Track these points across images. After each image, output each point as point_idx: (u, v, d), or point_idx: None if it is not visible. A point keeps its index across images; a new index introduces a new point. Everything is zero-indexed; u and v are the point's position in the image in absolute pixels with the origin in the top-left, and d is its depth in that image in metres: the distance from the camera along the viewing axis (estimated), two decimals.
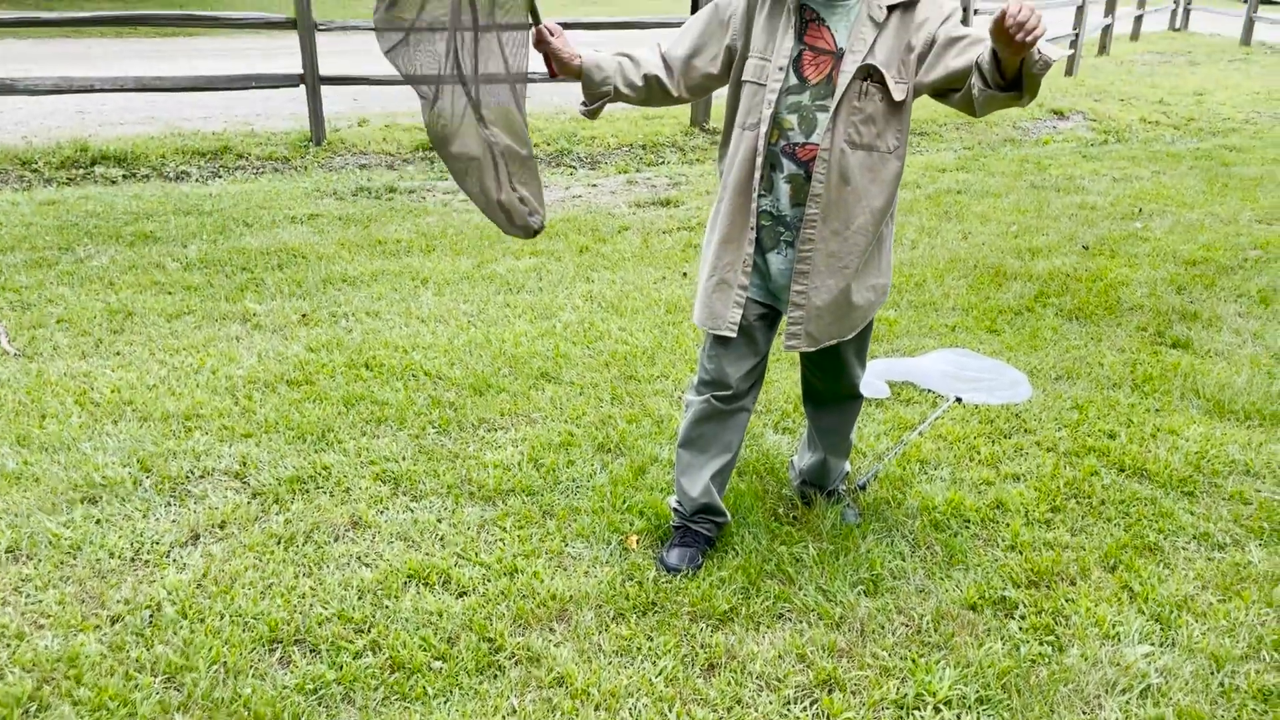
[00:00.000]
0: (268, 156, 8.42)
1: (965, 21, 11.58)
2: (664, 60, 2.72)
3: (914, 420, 3.85)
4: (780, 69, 2.56)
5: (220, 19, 8.82)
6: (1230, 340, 4.72)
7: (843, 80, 2.51)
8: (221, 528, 3.05)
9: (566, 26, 10.49)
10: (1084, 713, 2.38)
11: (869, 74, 2.51)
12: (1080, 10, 14.41)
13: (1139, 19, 19.92)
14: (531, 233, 2.78)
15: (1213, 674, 2.51)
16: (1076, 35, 14.36)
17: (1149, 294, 5.33)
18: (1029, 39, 2.12)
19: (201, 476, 3.35)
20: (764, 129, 2.58)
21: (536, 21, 2.64)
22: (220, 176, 7.89)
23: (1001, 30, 2.14)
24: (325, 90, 8.80)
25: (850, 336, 2.81)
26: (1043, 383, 4.22)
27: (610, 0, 24.63)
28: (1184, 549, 3.05)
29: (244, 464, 3.41)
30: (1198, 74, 15.34)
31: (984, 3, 12.39)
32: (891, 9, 2.50)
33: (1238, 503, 3.31)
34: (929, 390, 4.12)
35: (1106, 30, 17.06)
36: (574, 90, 2.80)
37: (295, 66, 8.87)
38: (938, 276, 5.57)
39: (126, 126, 9.14)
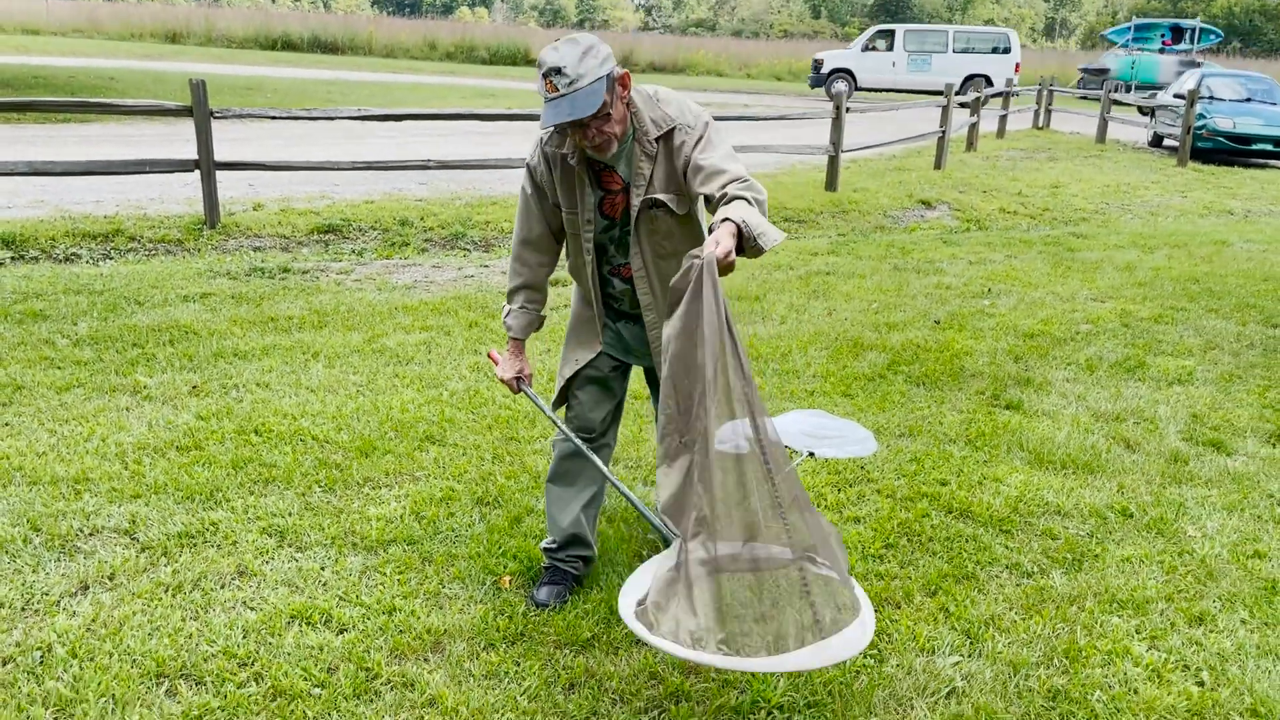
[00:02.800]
0: (160, 239, 8.53)
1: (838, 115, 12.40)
2: (529, 249, 3.10)
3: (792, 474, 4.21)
4: (589, 221, 2.96)
5: (115, 105, 8.99)
6: (1057, 402, 5.24)
7: (633, 212, 2.89)
8: (111, 579, 3.20)
9: (463, 118, 10.86)
10: (897, 712, 2.71)
11: (654, 203, 2.87)
12: (945, 110, 15.52)
13: (1003, 118, 21.41)
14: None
15: (1010, 678, 2.87)
16: (943, 133, 15.44)
17: (989, 362, 5.86)
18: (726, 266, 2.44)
19: (91, 534, 3.49)
20: (590, 265, 3.02)
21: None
22: (111, 258, 7.97)
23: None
24: (220, 175, 9.01)
25: None
26: (888, 439, 4.64)
27: (509, 95, 25.38)
28: (997, 577, 3.45)
29: (133, 522, 3.56)
30: (1056, 169, 16.55)
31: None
32: (658, 139, 2.83)
33: (1047, 538, 3.74)
34: (786, 446, 4.49)
35: (973, 128, 18.33)
36: (470, 176, 3.14)
37: (188, 152, 9.06)
38: (802, 348, 6.02)
39: (14, 210, 9.15)
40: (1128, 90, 30.34)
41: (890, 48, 30.32)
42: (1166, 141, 20.15)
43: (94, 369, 5.14)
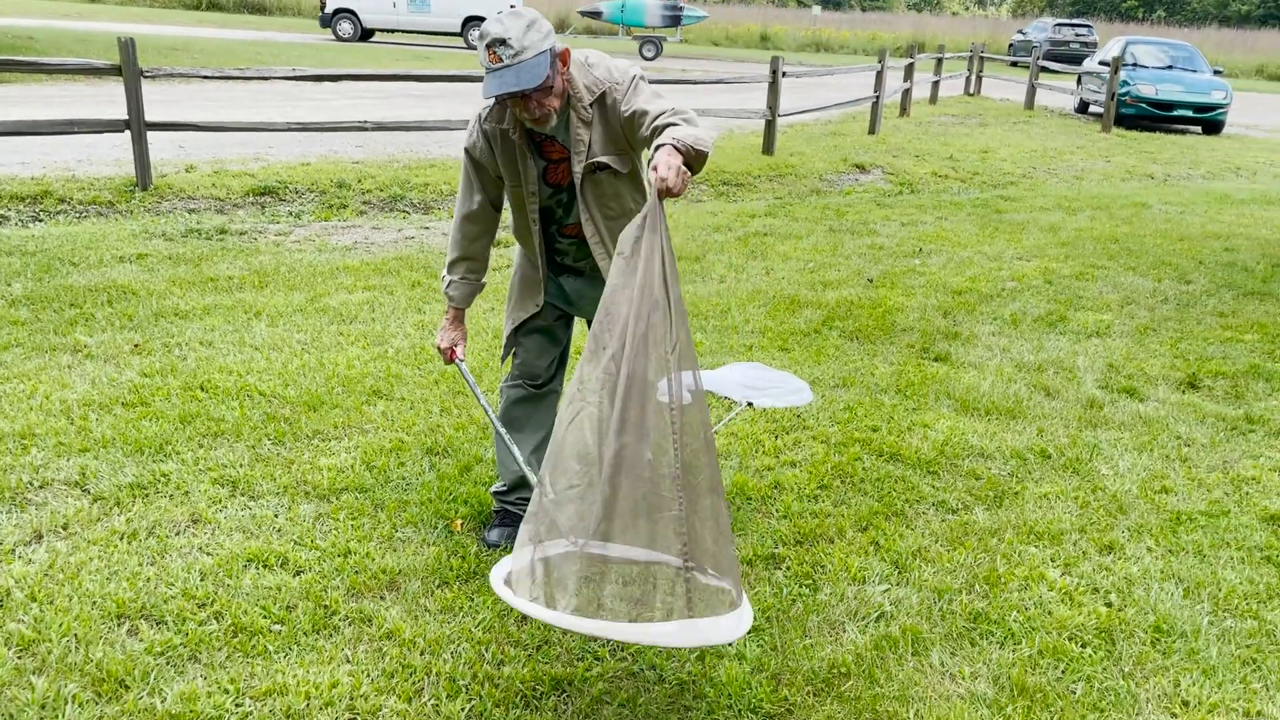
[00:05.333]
0: (91, 201, 8.38)
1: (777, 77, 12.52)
2: (470, 222, 3.13)
3: (711, 422, 4.36)
4: (533, 192, 3.01)
5: (42, 64, 8.78)
6: (983, 354, 5.47)
7: (576, 178, 2.95)
8: (65, 528, 3.25)
9: (399, 79, 10.74)
10: (830, 634, 2.89)
11: (597, 166, 2.94)
12: (879, 75, 15.74)
13: (936, 84, 21.74)
14: None
15: (935, 602, 3.07)
16: (877, 98, 15.67)
17: (920, 318, 6.08)
18: (669, 191, 2.37)
19: (41, 487, 3.52)
20: (535, 227, 3.07)
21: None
22: (41, 220, 7.83)
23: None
24: (150, 136, 8.85)
25: None
26: (823, 390, 4.82)
27: (444, 57, 25.07)
28: (924, 513, 3.65)
29: (83, 474, 3.60)
30: (986, 134, 16.90)
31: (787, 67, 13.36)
32: (592, 104, 2.89)
33: (971, 478, 3.95)
34: (725, 397, 4.66)
35: (907, 94, 18.61)
36: (408, 139, 3.19)
37: (114, 112, 8.88)
38: (740, 305, 6.18)
39: None
40: (627, 33, 32.19)
41: None
42: (1092, 108, 20.67)
43: (32, 329, 5.10)
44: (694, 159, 2.49)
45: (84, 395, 4.29)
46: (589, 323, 3.35)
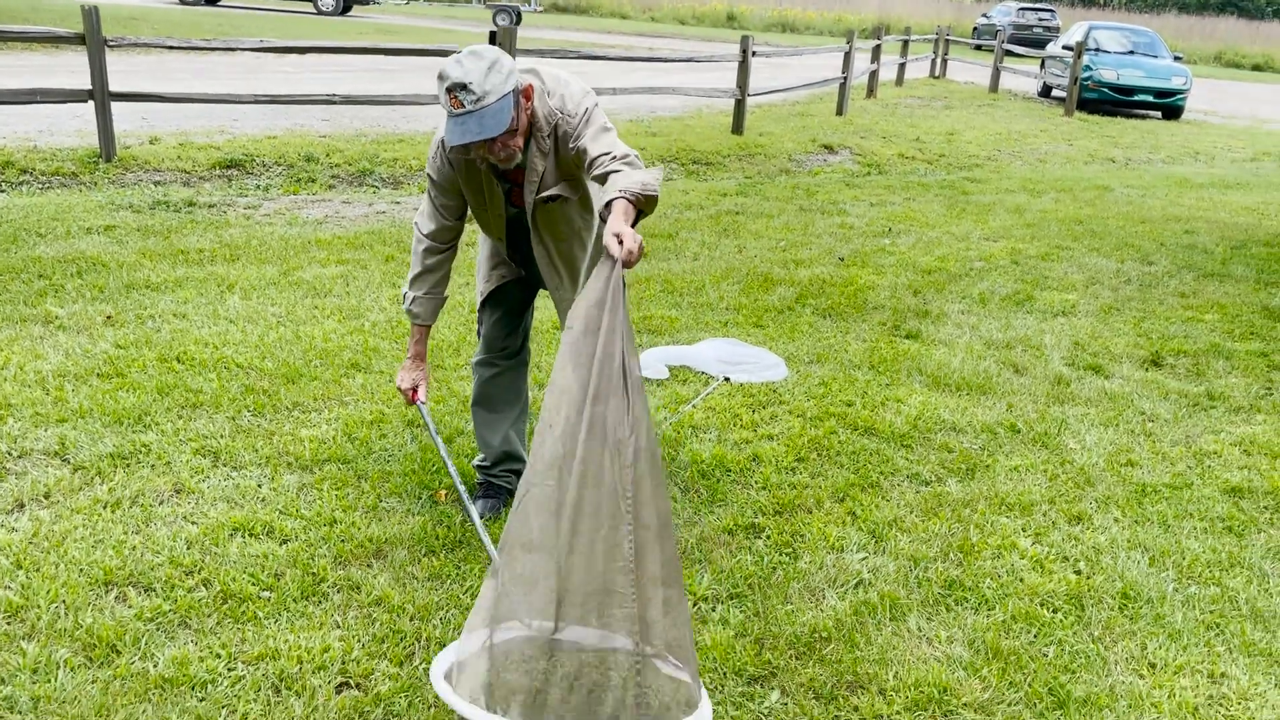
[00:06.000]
0: (54, 172, 8.25)
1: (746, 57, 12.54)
2: (434, 239, 3.10)
3: (689, 396, 4.42)
4: (500, 215, 3.03)
5: (2, 31, 8.59)
6: (952, 331, 5.57)
7: (528, 208, 2.96)
8: (47, 497, 3.24)
9: (368, 52, 10.63)
10: (811, 601, 2.97)
11: (549, 198, 2.93)
12: (847, 57, 15.81)
13: (902, 67, 21.87)
14: None
15: (911, 570, 3.15)
16: (844, 80, 15.75)
17: (890, 296, 6.17)
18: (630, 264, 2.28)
19: (20, 456, 3.49)
20: (503, 240, 3.11)
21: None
22: (3, 191, 7.69)
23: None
24: (114, 107, 8.70)
25: None
26: (797, 365, 4.89)
27: (411, 31, 24.82)
28: (899, 485, 3.73)
29: (62, 444, 3.58)
30: (951, 117, 17.04)
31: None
32: (549, 135, 2.86)
33: (944, 451, 4.04)
34: (702, 372, 4.71)
35: (873, 76, 18.71)
36: (375, 113, 3.19)
37: (73, 82, 8.72)
38: (715, 282, 6.23)
39: None
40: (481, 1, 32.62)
41: None
42: (1055, 92, 20.90)
43: (1, 300, 5.03)
44: (645, 204, 2.47)
45: (58, 366, 4.25)
46: (556, 303, 3.35)
